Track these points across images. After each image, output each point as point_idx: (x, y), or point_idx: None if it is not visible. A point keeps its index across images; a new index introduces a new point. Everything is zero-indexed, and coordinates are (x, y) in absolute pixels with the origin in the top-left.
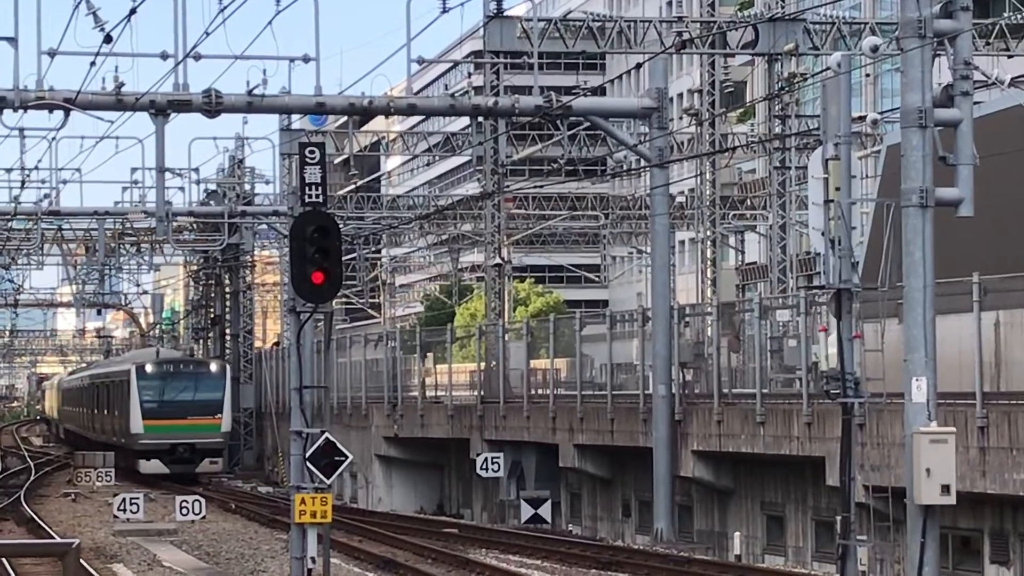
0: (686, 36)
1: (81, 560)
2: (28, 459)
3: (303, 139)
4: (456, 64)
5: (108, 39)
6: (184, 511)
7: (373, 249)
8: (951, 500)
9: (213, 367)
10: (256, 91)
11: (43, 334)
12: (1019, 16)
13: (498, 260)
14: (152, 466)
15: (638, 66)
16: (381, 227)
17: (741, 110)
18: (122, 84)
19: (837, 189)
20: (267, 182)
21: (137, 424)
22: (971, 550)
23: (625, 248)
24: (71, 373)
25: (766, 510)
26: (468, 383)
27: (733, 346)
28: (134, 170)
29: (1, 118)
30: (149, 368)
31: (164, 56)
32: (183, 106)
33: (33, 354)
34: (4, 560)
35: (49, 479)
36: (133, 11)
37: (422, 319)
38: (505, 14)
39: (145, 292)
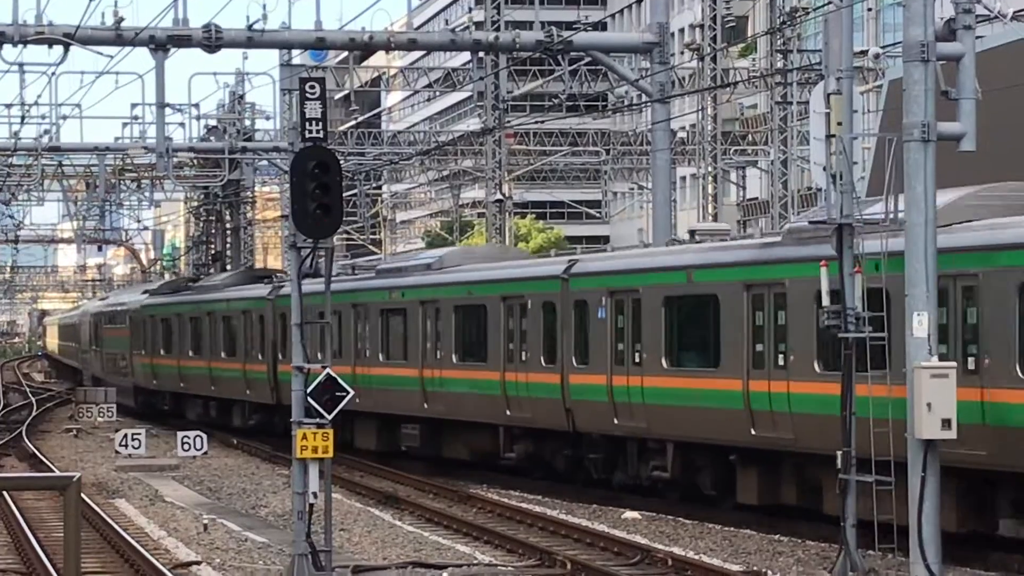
0: None
1: (82, 495)
2: (30, 395)
3: (303, 74)
4: None
5: None
6: (186, 447)
7: (374, 185)
8: (952, 435)
9: None
10: (256, 26)
11: (44, 270)
12: None
13: (499, 196)
14: None
15: (639, 0)
16: (382, 163)
17: (743, 45)
18: (122, 19)
19: (839, 124)
20: (267, 118)
21: None
22: None
23: (626, 184)
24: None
25: None
26: None
27: None
28: (134, 106)
29: (1, 53)
30: None
31: None
32: (183, 41)
33: (34, 290)
34: (6, 494)
35: (50, 415)
36: None
37: None
38: None
39: (146, 228)
